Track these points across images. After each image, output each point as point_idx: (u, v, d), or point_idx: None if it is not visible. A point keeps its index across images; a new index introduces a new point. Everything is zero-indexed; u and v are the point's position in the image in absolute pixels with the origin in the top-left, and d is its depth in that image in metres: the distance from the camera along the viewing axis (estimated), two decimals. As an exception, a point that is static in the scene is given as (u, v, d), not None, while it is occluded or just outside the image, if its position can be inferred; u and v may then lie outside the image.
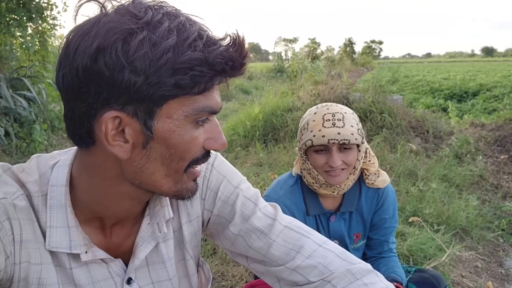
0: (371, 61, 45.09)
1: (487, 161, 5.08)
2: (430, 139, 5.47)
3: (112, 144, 0.65)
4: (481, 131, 5.96)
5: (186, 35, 0.62)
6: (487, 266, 2.96)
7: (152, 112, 0.63)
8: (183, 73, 0.61)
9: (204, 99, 0.66)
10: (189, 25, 0.64)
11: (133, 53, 0.59)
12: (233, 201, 0.89)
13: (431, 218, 3.31)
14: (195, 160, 0.70)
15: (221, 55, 0.63)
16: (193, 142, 0.68)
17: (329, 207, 1.54)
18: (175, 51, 0.60)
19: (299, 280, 0.84)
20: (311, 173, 1.45)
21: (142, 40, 0.60)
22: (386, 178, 1.54)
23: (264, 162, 4.90)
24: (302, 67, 13.82)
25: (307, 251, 0.85)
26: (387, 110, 5.57)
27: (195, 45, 0.62)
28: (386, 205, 1.55)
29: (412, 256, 2.72)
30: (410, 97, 11.91)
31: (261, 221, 0.88)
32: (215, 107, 0.69)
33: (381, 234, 1.59)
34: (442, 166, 4.59)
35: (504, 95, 11.51)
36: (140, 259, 0.81)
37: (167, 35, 0.61)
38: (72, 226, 0.72)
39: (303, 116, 1.50)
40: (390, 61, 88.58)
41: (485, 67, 30.57)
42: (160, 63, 0.60)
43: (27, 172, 0.74)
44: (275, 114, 6.10)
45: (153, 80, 0.60)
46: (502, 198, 4.17)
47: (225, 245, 0.93)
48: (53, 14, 6.86)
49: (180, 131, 0.66)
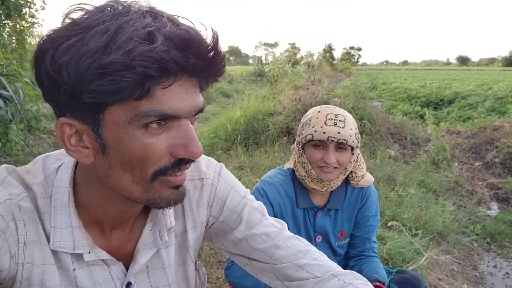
0: (349, 67, 45.69)
1: (462, 167, 5.22)
2: (408, 145, 5.59)
3: (70, 149, 0.65)
4: (457, 138, 6.14)
5: (122, 36, 0.57)
6: (462, 270, 3.05)
7: (96, 119, 0.62)
8: (102, 78, 0.56)
9: (149, 103, 0.60)
10: (139, 23, 0.58)
11: (59, 61, 0.58)
12: (240, 210, 0.91)
13: (409, 223, 3.40)
14: (162, 169, 0.66)
15: (146, 56, 0.56)
16: (148, 149, 0.63)
17: (317, 203, 1.60)
18: (98, 54, 0.56)
19: (306, 276, 0.88)
20: (305, 167, 1.52)
21: (68, 46, 0.58)
22: (370, 178, 1.63)
23: (246, 165, 4.92)
24: (282, 71, 13.90)
25: (313, 255, 0.91)
26: (366, 116, 5.67)
27: (123, 46, 0.56)
28: (369, 202, 1.63)
29: (391, 259, 2.78)
30: (388, 103, 12.14)
31: (268, 227, 0.92)
32: (171, 111, 0.62)
33: (363, 232, 1.66)
34: (419, 172, 4.70)
35: (478, 104, 11.86)
36: (140, 265, 0.82)
37: (98, 37, 0.57)
38: (75, 226, 0.73)
39: (306, 114, 1.57)
40: (368, 67, 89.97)
41: (459, 76, 31.36)
42: (81, 68, 0.56)
43: (32, 174, 0.74)
44: (257, 118, 6.13)
45: (79, 87, 0.58)
46: (477, 204, 4.30)
47: (226, 247, 0.95)
48: (32, 12, 6.74)
49: (129, 138, 0.62)
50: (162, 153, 0.64)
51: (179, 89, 0.62)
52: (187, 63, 0.59)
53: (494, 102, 12.08)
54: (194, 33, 0.61)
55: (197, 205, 0.89)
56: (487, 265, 3.21)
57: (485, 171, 5.20)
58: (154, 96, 0.60)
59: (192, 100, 0.65)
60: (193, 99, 0.65)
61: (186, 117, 0.65)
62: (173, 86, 0.61)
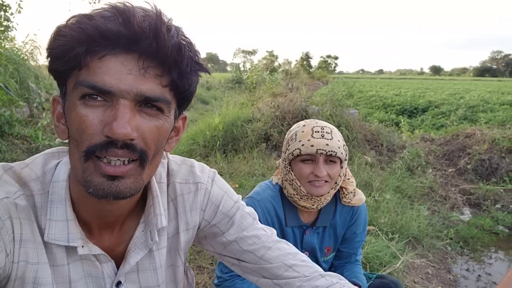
0: (326, 75, 46.16)
1: (436, 173, 5.35)
2: (384, 152, 5.70)
3: (56, 124, 0.72)
4: (431, 145, 6.28)
5: (87, 15, 0.63)
6: (437, 273, 3.12)
7: (63, 92, 0.68)
8: (53, 43, 0.64)
9: (86, 74, 0.63)
10: (111, 7, 0.64)
11: (52, 35, 0.65)
12: (232, 214, 0.94)
13: (386, 227, 3.46)
14: (93, 147, 0.64)
15: (76, 22, 0.62)
16: (82, 120, 0.64)
17: (306, 221, 1.57)
18: (61, 28, 0.63)
19: (295, 275, 0.91)
20: (293, 184, 1.47)
21: (59, 26, 0.64)
22: (362, 197, 1.59)
23: (225, 171, 4.92)
24: (260, 79, 13.95)
25: (302, 257, 0.95)
26: (344, 124, 5.76)
27: (71, 20, 0.63)
28: (359, 221, 1.62)
29: (369, 263, 2.83)
30: (364, 111, 12.33)
31: (258, 230, 0.95)
32: (101, 85, 0.62)
33: (350, 248, 1.66)
34: (395, 178, 4.80)
35: (451, 112, 12.17)
36: (131, 265, 0.82)
37: (74, 18, 0.64)
38: (70, 219, 0.73)
39: (290, 129, 1.54)
40: (345, 75, 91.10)
41: (433, 85, 32.09)
42: (51, 40, 0.64)
43: (31, 168, 0.75)
44: (235, 124, 6.15)
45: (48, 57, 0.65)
46: (450, 209, 4.42)
47: (215, 249, 0.97)
48: (7, 16, 6.61)
49: (71, 107, 0.65)
50: (93, 128, 0.64)
51: (119, 65, 0.63)
52: (107, 29, 0.61)
53: (466, 110, 12.42)
54: (132, 8, 0.63)
55: (190, 208, 0.91)
56: (460, 268, 3.30)
57: (458, 177, 5.34)
58: (90, 67, 0.62)
59: (133, 81, 0.63)
60: (135, 81, 0.64)
61: (122, 96, 0.63)
62: (110, 60, 0.63)
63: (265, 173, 4.79)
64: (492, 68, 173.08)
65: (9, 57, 7.27)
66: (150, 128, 0.67)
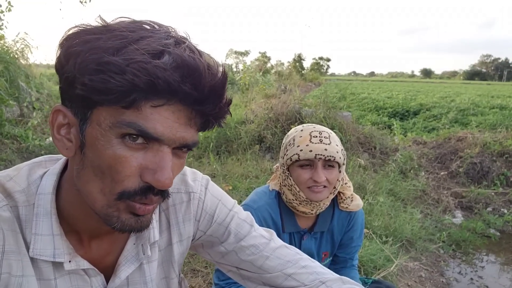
0: (319, 77, 46.30)
1: (428, 176, 5.39)
2: (377, 154, 5.72)
3: (56, 137, 0.66)
4: (423, 148, 6.32)
5: (136, 45, 0.58)
6: (430, 276, 3.14)
7: (85, 115, 0.62)
8: (96, 74, 0.57)
9: (134, 116, 0.59)
10: (159, 41, 0.59)
11: (72, 50, 0.60)
12: (227, 223, 0.91)
13: (379, 230, 3.47)
14: (131, 192, 0.63)
15: (142, 67, 0.56)
16: (119, 161, 0.61)
17: (303, 226, 1.56)
18: (104, 54, 0.57)
19: (294, 284, 0.88)
20: (292, 189, 1.46)
21: (86, 40, 0.60)
22: (360, 203, 1.58)
23: (218, 173, 4.91)
24: (253, 80, 13.95)
25: (303, 263, 0.92)
26: (337, 126, 5.77)
27: (131, 54, 0.57)
28: (356, 226, 1.61)
29: (363, 267, 2.83)
30: (357, 113, 12.36)
31: (256, 239, 0.92)
32: (153, 132, 0.60)
33: (347, 253, 1.66)
34: (388, 180, 4.82)
35: (442, 115, 12.25)
36: (121, 279, 0.80)
37: (113, 40, 0.58)
38: (56, 234, 0.70)
39: (288, 134, 1.52)
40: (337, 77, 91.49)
41: (424, 88, 32.33)
42: (84, 61, 0.58)
43: (15, 181, 0.72)
44: (229, 126, 6.13)
45: (77, 78, 0.59)
46: (443, 212, 4.45)
47: (213, 258, 0.95)
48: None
49: (104, 143, 0.61)
50: (131, 171, 0.62)
51: (169, 114, 0.61)
52: (179, 88, 0.58)
53: (457, 113, 12.50)
54: (202, 65, 0.60)
55: (183, 219, 0.88)
56: (452, 271, 3.32)
57: (450, 180, 5.37)
58: (142, 111, 0.59)
59: (181, 131, 0.63)
60: (182, 130, 0.63)
61: (167, 144, 0.63)
62: (163, 109, 0.60)
63: (258, 175, 4.78)
64: (482, 71, 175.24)
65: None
66: (178, 167, 0.69)
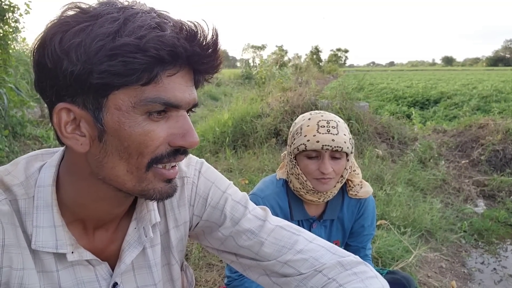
0: (337, 69, 45.89)
1: (449, 165, 5.28)
2: (396, 144, 5.64)
3: (66, 136, 0.65)
4: (443, 137, 6.20)
5: (133, 24, 0.60)
6: (451, 266, 3.07)
7: (99, 103, 0.63)
8: (114, 59, 0.58)
9: (155, 90, 0.62)
10: (146, 16, 0.61)
11: (68, 43, 0.60)
12: (222, 206, 0.90)
13: (397, 221, 3.41)
14: (158, 157, 0.67)
15: (159, 40, 0.59)
16: (149, 136, 0.64)
17: (313, 214, 1.55)
18: (109, 38, 0.59)
19: (291, 272, 0.86)
20: (299, 178, 1.44)
21: (79, 30, 0.60)
22: (369, 189, 1.56)
23: (235, 168, 4.91)
24: (270, 74, 13.90)
25: (298, 246, 0.88)
26: (354, 117, 5.70)
27: (136, 32, 0.59)
28: (366, 213, 1.59)
29: (380, 258, 2.79)
30: (375, 104, 12.22)
31: (251, 222, 0.90)
32: (174, 100, 0.64)
33: (359, 241, 1.63)
34: (407, 170, 4.73)
35: (464, 103, 12.00)
36: (126, 264, 0.80)
37: (108, 23, 0.59)
38: (58, 225, 0.71)
39: (295, 122, 1.50)
40: (355, 69, 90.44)
41: (445, 76, 31.67)
42: (92, 50, 0.58)
43: (13, 175, 0.72)
44: (245, 120, 6.13)
45: (88, 68, 0.59)
46: (464, 201, 4.35)
47: (212, 245, 0.94)
48: (16, 17, 6.64)
49: (130, 123, 0.63)
50: (161, 141, 0.66)
51: (181, 80, 0.66)
52: (194, 52, 0.63)
53: (479, 101, 12.23)
54: (199, 26, 0.64)
55: (178, 204, 0.88)
56: (475, 262, 3.24)
57: (471, 168, 5.25)
58: (160, 83, 0.63)
59: (191, 93, 0.68)
60: (191, 92, 0.68)
61: (184, 108, 0.68)
62: (176, 76, 0.64)
63: (275, 169, 4.76)
64: (506, 57, 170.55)
65: (19, 58, 7.34)
66: None
